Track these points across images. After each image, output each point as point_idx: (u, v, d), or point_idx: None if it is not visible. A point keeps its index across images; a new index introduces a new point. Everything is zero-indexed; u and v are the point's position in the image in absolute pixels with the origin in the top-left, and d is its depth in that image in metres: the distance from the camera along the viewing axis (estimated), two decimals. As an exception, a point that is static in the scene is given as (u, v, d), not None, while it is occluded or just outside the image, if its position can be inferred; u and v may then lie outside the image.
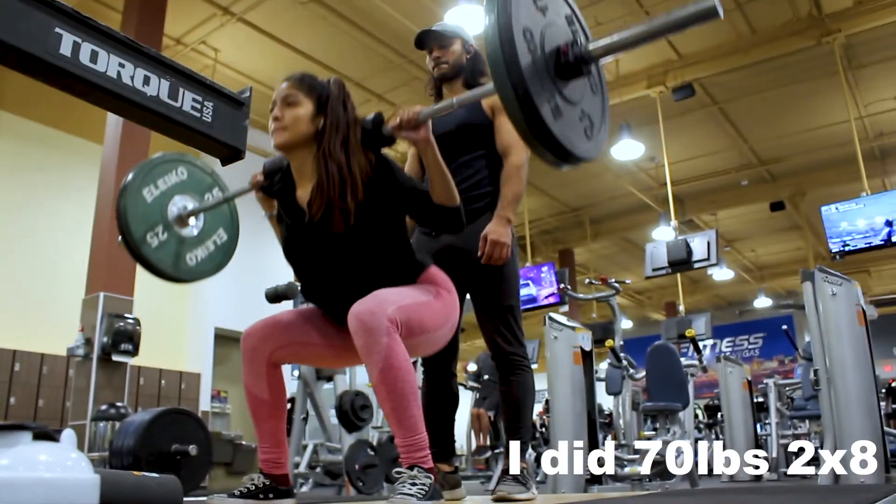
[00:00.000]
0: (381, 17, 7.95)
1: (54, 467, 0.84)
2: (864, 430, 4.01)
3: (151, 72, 0.99)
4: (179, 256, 2.53)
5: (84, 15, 0.89)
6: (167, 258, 2.47)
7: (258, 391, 2.01)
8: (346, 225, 1.86)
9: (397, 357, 1.73)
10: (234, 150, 1.21)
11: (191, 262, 2.56)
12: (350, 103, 2.00)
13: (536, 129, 1.35)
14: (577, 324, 4.95)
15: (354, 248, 1.89)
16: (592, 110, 1.55)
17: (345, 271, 1.92)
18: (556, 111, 1.38)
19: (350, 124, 1.95)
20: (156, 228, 2.46)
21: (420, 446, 1.77)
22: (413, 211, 1.97)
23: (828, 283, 4.29)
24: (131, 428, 3.46)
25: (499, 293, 2.49)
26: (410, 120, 1.87)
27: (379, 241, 1.91)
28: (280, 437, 2.06)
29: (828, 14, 8.11)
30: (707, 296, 18.23)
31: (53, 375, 7.45)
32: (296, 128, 1.94)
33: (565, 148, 1.40)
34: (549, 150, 1.39)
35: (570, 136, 1.42)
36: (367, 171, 1.90)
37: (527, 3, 1.40)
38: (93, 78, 0.91)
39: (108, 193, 6.56)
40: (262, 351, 1.99)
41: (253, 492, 2.00)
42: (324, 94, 1.99)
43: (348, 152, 1.90)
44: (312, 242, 1.96)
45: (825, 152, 11.13)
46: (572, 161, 1.44)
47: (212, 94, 1.06)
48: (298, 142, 1.95)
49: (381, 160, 1.94)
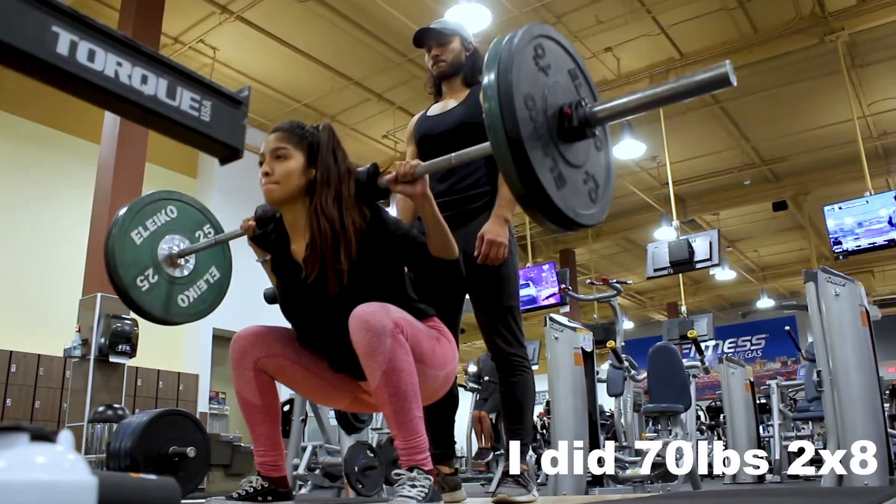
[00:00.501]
0: (381, 16, 7.92)
1: (52, 469, 0.82)
2: (868, 432, 4.00)
3: (149, 71, 0.96)
4: (170, 298, 2.52)
5: (82, 13, 0.87)
6: (157, 301, 2.46)
7: (248, 396, 1.99)
8: (340, 286, 1.83)
9: (402, 359, 1.71)
10: (233, 149, 1.19)
11: (182, 304, 2.55)
12: (341, 152, 1.94)
13: (539, 202, 1.33)
14: (578, 325, 4.94)
15: (350, 307, 1.79)
16: (597, 171, 1.51)
17: (341, 329, 1.83)
18: (559, 180, 1.35)
19: (343, 177, 1.89)
20: (145, 272, 2.45)
21: (420, 448, 1.75)
22: (410, 264, 1.94)
23: (831, 284, 4.28)
24: (129, 430, 3.41)
25: (498, 294, 2.47)
26: (406, 174, 1.81)
27: (375, 296, 1.83)
28: (275, 439, 2.04)
29: (831, 12, 8.08)
30: (709, 296, 18.21)
31: (50, 377, 7.39)
32: (287, 182, 1.88)
33: (569, 218, 1.38)
34: (552, 221, 1.37)
35: (574, 204, 1.39)
36: (362, 225, 1.85)
37: (528, 66, 1.36)
38: (90, 77, 0.89)
39: (105, 193, 6.52)
40: (248, 356, 1.96)
41: (251, 494, 1.98)
42: (314, 143, 1.93)
43: (341, 208, 1.84)
44: (308, 299, 1.92)
45: (828, 151, 11.10)
46: (577, 229, 1.42)
47: (210, 94, 1.05)
48: (290, 197, 1.90)
49: (375, 214, 1.90)
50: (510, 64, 1.30)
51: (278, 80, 8.98)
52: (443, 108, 2.65)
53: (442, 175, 2.54)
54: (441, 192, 2.48)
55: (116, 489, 1.00)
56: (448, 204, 2.45)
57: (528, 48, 1.37)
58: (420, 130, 2.66)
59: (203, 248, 2.57)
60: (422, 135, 2.64)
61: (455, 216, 2.43)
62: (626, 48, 8.76)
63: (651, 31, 8.47)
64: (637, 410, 6.14)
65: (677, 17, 8.22)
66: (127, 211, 2.45)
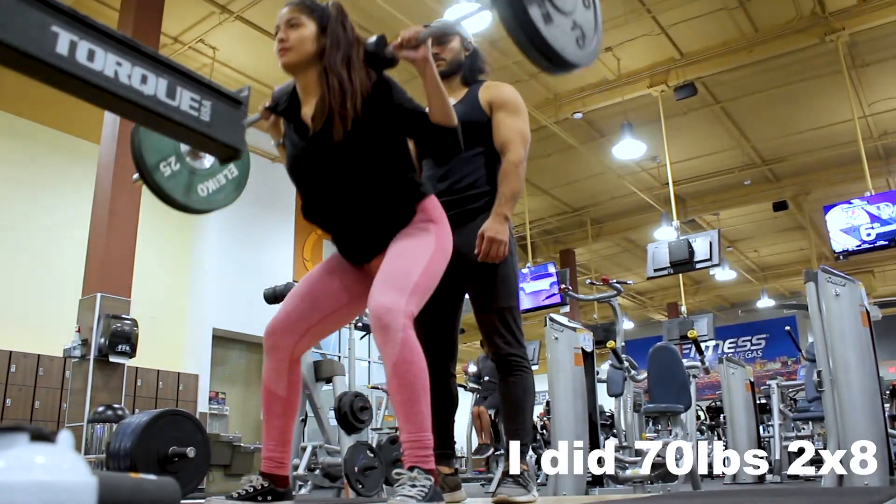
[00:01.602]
0: (380, 15, 7.92)
1: (52, 470, 0.82)
2: (869, 432, 3.99)
3: (149, 71, 0.97)
4: (191, 186, 2.58)
5: (81, 13, 0.88)
6: (179, 187, 2.52)
7: (276, 388, 2.03)
8: (345, 132, 1.90)
9: (411, 351, 1.77)
10: (233, 149, 1.20)
11: (202, 193, 2.61)
12: (349, 23, 2.05)
13: (528, 32, 1.39)
14: (578, 325, 4.92)
15: (354, 159, 1.94)
16: (584, 23, 1.59)
17: (345, 185, 1.97)
18: (546, 17, 1.42)
19: (351, 43, 2.00)
20: (168, 159, 2.49)
21: (424, 444, 1.77)
22: (412, 130, 2.01)
23: (831, 284, 4.27)
24: (128, 430, 3.39)
25: (497, 293, 2.46)
26: (411, 39, 1.93)
27: (379, 154, 1.96)
28: (287, 436, 2.07)
29: (831, 12, 8.08)
30: (709, 296, 18.21)
31: (50, 377, 7.38)
32: (300, 47, 1.99)
33: (556, 52, 1.44)
34: (540, 53, 1.44)
35: (562, 41, 1.47)
36: (368, 87, 1.96)
37: None
38: (90, 77, 0.89)
39: (104, 193, 6.52)
40: (284, 348, 2.03)
41: (251, 494, 1.99)
42: (325, 14, 2.04)
43: (350, 68, 1.95)
44: (314, 155, 2.01)
45: (829, 151, 11.10)
46: (564, 66, 1.49)
47: (210, 93, 1.05)
48: (303, 61, 2.00)
49: (381, 78, 2.00)
50: None
51: (278, 79, 8.82)
52: None
53: (442, 174, 2.54)
54: (441, 191, 2.46)
55: (116, 489, 0.99)
56: (448, 204, 2.41)
57: None
58: None
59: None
60: None
61: (455, 216, 2.40)
62: (626, 48, 8.75)
63: (651, 31, 8.47)
64: (637, 411, 6.13)
65: (678, 16, 8.22)
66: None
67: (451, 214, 2.34)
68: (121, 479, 1.02)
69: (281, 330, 2.04)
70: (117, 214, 6.44)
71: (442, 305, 2.43)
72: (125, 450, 3.29)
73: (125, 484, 1.03)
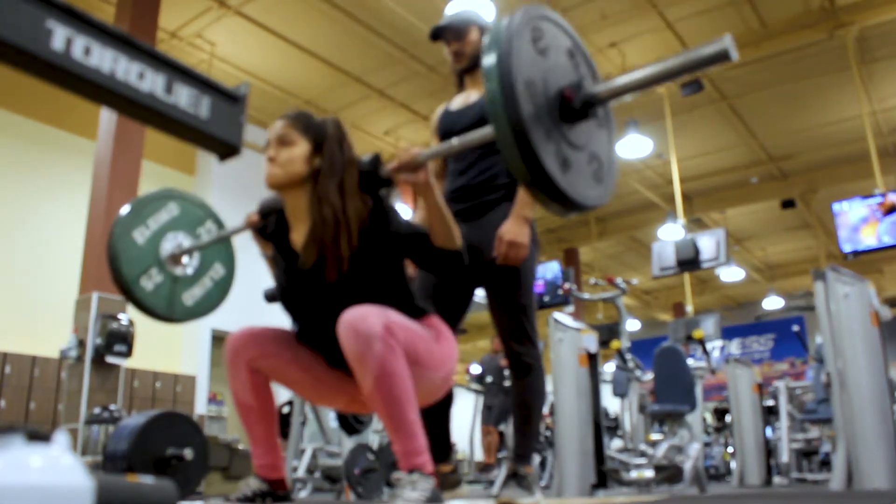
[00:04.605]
0: (382, 11, 7.85)
1: (48, 472, 0.82)
2: (878, 434, 4.02)
3: (146, 67, 0.97)
4: (175, 297, 2.58)
5: (77, 8, 0.91)
6: (162, 301, 2.51)
7: (243, 396, 1.98)
8: (339, 273, 1.82)
9: (393, 363, 1.69)
10: (231, 146, 1.18)
11: (187, 303, 2.62)
12: (347, 143, 1.94)
13: (545, 187, 1.32)
14: (582, 325, 4.92)
15: (348, 297, 1.81)
16: (600, 150, 1.50)
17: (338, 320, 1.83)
18: (564, 164, 1.34)
19: (346, 166, 1.89)
20: (149, 271, 2.47)
21: (419, 451, 1.74)
22: (412, 255, 1.92)
23: (840, 284, 4.29)
24: (125, 431, 3.42)
25: (514, 292, 2.43)
26: (409, 162, 1.80)
27: (375, 288, 1.85)
28: (272, 441, 2.02)
29: (840, 6, 7.99)
30: (716, 296, 18.14)
31: (45, 378, 7.33)
32: (290, 167, 1.89)
33: (576, 202, 1.37)
34: (559, 205, 1.36)
35: (580, 187, 1.39)
36: (364, 215, 1.85)
37: (527, 51, 1.33)
38: (86, 73, 0.89)
39: (101, 191, 6.48)
40: (241, 356, 1.95)
41: (249, 497, 1.97)
42: (321, 133, 1.94)
43: (344, 196, 1.85)
44: (306, 288, 1.92)
45: (837, 148, 11.02)
46: (584, 210, 1.42)
47: (208, 90, 1.02)
48: (292, 182, 1.91)
49: (378, 204, 1.89)
50: (509, 48, 1.29)
51: (277, 76, 8.93)
52: (465, 102, 2.61)
53: (462, 169, 2.53)
54: (459, 186, 2.49)
55: (113, 492, 1.00)
56: (464, 196, 2.47)
57: (525, 31, 1.35)
58: (442, 127, 2.62)
59: (206, 246, 2.61)
60: (444, 132, 2.60)
61: (470, 208, 2.44)
62: (631, 43, 8.67)
63: (657, 26, 8.38)
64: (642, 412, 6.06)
65: (683, 11, 8.13)
66: (129, 210, 2.49)
67: (466, 206, 2.42)
68: (118, 482, 1.02)
69: (241, 341, 1.95)
70: (114, 212, 6.37)
71: (448, 303, 2.42)
72: (122, 452, 3.31)
73: (122, 486, 1.04)
